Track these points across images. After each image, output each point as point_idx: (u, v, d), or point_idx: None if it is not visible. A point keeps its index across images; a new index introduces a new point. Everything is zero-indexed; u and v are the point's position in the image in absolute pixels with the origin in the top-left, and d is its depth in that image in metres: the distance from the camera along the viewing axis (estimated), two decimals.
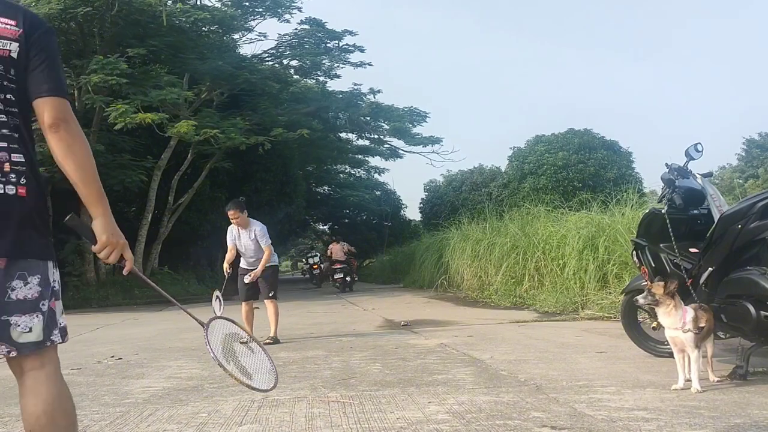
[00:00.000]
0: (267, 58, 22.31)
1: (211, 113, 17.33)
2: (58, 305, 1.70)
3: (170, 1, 17.23)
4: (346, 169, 36.19)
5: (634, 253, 4.62)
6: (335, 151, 29.42)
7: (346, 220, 38.62)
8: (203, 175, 19.71)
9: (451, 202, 28.10)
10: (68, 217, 1.74)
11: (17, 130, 1.64)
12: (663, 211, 4.27)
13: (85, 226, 1.73)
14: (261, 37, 24.13)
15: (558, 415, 3.10)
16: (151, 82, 15.88)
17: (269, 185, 22.25)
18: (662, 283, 3.61)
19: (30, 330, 1.61)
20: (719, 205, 4.19)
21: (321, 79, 22.81)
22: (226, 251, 6.93)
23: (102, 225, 1.69)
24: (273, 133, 17.56)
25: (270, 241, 6.84)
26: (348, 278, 17.67)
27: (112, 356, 5.85)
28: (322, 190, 36.53)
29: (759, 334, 3.66)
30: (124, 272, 1.77)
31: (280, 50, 22.28)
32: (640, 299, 3.68)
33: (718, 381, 3.68)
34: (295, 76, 22.12)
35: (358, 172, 36.54)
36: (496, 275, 11.40)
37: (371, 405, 3.48)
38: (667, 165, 4.44)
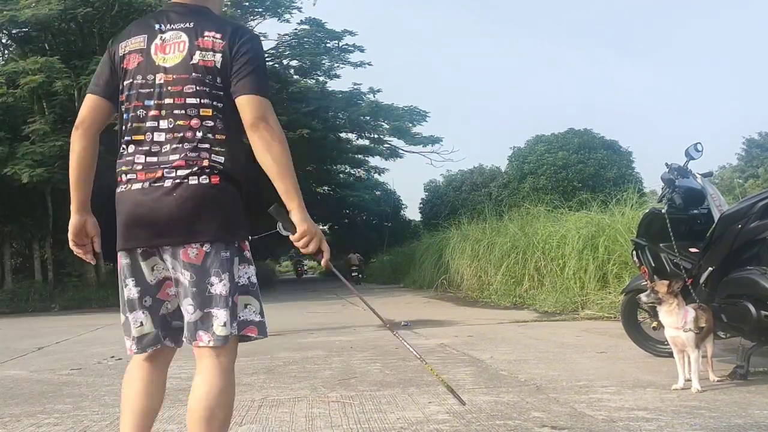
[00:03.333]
0: (267, 58, 22.32)
1: None
2: (242, 299, 1.83)
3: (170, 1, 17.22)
4: (346, 169, 36.15)
5: (634, 252, 4.61)
6: (335, 151, 29.40)
7: (346, 221, 38.61)
8: None
9: (451, 202, 28.14)
10: (272, 206, 1.86)
11: (221, 132, 1.82)
12: (663, 210, 4.26)
13: (286, 216, 1.83)
14: (261, 37, 24.11)
15: (558, 415, 3.10)
16: None
17: (269, 185, 22.22)
18: (666, 282, 3.61)
19: (224, 324, 1.77)
20: (719, 205, 4.19)
21: (321, 79, 22.83)
22: None
23: (300, 216, 1.82)
24: None
25: None
26: (360, 275, 25.82)
27: (113, 356, 5.84)
28: (322, 190, 36.48)
29: (759, 333, 3.65)
30: (323, 264, 1.86)
31: (280, 50, 22.29)
32: (643, 297, 3.68)
33: (718, 381, 3.68)
34: (295, 76, 22.12)
35: (358, 172, 36.49)
36: (496, 275, 11.40)
37: (371, 405, 3.48)
38: (667, 165, 4.43)
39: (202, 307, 1.77)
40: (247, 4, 19.84)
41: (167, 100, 1.80)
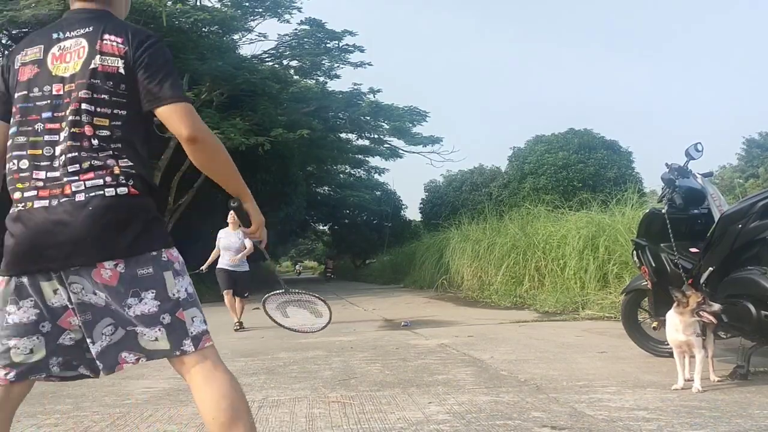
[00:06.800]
0: (267, 59, 22.29)
1: (210, 114, 17.32)
2: (188, 313, 1.71)
3: (170, 2, 17.22)
4: (346, 169, 36.15)
5: (635, 252, 4.61)
6: (335, 151, 29.40)
7: (347, 221, 38.59)
8: (203, 176, 19.67)
9: (452, 203, 28.12)
10: (234, 202, 1.87)
11: (123, 140, 1.71)
12: (663, 211, 4.26)
13: (243, 210, 1.89)
14: (261, 38, 24.12)
15: (558, 415, 3.10)
16: None
17: (269, 186, 22.21)
18: (700, 296, 3.53)
19: (156, 339, 1.68)
20: (719, 205, 4.19)
21: (321, 79, 22.78)
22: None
23: (256, 208, 1.90)
24: (273, 133, 17.54)
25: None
26: (333, 276, 32.97)
27: None
28: (322, 191, 36.48)
29: (760, 333, 3.65)
30: (262, 246, 2.03)
31: (280, 50, 22.26)
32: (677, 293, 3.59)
33: (718, 381, 3.68)
34: (295, 77, 22.08)
35: (359, 172, 36.50)
36: (497, 275, 11.41)
37: (371, 405, 3.48)
38: (667, 165, 4.43)
39: (125, 326, 1.67)
40: (247, 4, 19.81)
41: (66, 112, 1.69)
